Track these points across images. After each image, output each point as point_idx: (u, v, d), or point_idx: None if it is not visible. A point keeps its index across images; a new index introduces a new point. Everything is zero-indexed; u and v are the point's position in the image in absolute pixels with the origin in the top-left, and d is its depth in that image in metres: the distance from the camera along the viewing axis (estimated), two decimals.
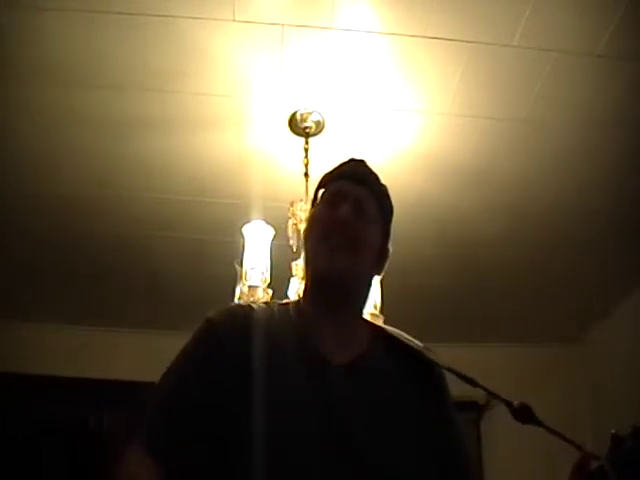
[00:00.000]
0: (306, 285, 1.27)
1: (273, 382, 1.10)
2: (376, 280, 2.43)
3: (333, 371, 1.14)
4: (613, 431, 0.98)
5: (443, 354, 1.25)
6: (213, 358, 1.14)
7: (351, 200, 1.22)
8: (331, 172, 1.32)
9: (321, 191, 1.29)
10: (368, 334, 1.24)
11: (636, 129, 2.70)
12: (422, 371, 1.22)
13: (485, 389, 1.16)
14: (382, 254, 1.27)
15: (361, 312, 1.29)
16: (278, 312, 1.23)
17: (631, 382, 3.61)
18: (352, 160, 1.33)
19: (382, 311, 2.44)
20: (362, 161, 1.33)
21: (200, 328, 1.20)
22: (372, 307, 2.42)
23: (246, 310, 1.22)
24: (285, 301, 1.33)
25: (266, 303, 1.31)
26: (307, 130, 2.70)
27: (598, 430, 3.76)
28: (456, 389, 1.25)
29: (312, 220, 1.27)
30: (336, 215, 1.20)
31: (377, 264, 1.27)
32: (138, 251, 3.48)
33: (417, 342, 1.25)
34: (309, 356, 1.15)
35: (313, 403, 1.10)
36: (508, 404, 1.11)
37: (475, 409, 4.08)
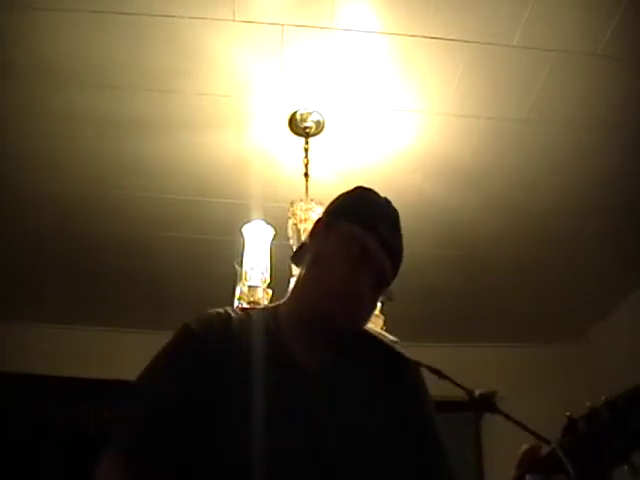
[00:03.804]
0: (292, 300, 1.24)
1: (248, 390, 1.11)
2: None
3: (308, 377, 1.16)
4: (568, 413, 0.96)
5: (443, 354, 1.25)
6: (189, 366, 1.14)
7: (377, 272, 1.18)
8: (369, 214, 1.22)
9: (356, 231, 1.19)
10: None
11: (636, 129, 2.70)
12: (395, 367, 1.22)
13: (451, 380, 1.13)
14: None
15: None
16: (256, 318, 1.23)
17: (631, 382, 3.61)
18: (389, 211, 1.25)
19: (382, 311, 2.44)
20: (396, 213, 1.26)
21: (178, 334, 1.19)
22: None
23: (223, 317, 1.21)
24: (263, 306, 1.32)
25: (244, 310, 1.30)
26: (307, 130, 2.70)
27: None
28: (457, 390, 1.25)
29: (329, 268, 1.18)
30: (361, 289, 1.16)
31: None
32: (138, 251, 3.48)
33: (389, 336, 1.27)
34: (284, 362, 1.17)
35: (289, 409, 1.12)
36: (469, 393, 1.09)
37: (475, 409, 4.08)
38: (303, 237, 2.37)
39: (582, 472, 0.91)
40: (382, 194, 1.28)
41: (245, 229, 2.52)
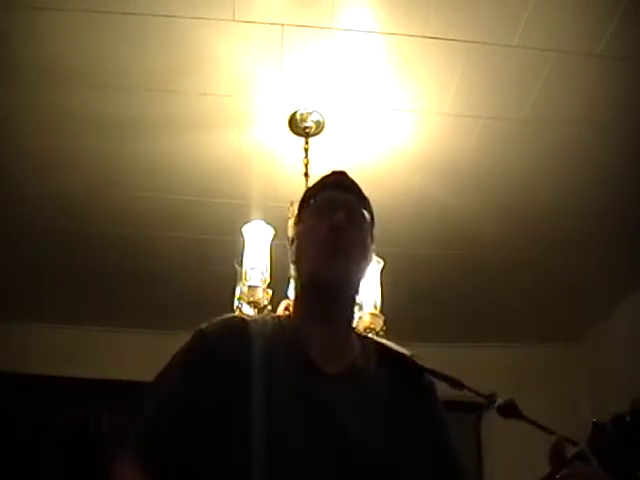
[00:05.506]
0: (298, 296, 1.28)
1: (266, 392, 1.11)
2: (376, 280, 2.45)
3: (326, 379, 1.16)
4: (594, 420, 0.96)
5: (443, 354, 1.25)
6: (204, 368, 1.15)
7: (343, 207, 1.23)
8: (315, 185, 1.33)
9: (311, 201, 1.28)
10: (359, 344, 1.27)
11: (636, 129, 2.70)
12: (411, 376, 1.24)
13: (470, 389, 1.16)
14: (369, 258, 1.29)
15: (351, 322, 1.30)
16: (271, 324, 1.24)
17: (631, 382, 3.62)
18: (335, 172, 1.34)
19: (382, 311, 2.44)
20: (344, 172, 1.34)
21: (192, 339, 1.20)
22: (372, 307, 2.42)
23: (238, 322, 1.23)
24: (277, 314, 1.33)
25: (259, 316, 1.31)
26: (307, 130, 2.70)
27: None
28: (457, 391, 1.25)
29: (307, 232, 1.25)
30: (333, 223, 1.20)
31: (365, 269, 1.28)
32: (138, 251, 3.48)
33: (404, 350, 1.27)
34: (302, 365, 1.16)
35: (307, 411, 1.11)
36: (492, 403, 1.11)
37: (475, 410, 4.08)
38: None
39: (610, 474, 0.91)
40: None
41: (245, 229, 2.52)
